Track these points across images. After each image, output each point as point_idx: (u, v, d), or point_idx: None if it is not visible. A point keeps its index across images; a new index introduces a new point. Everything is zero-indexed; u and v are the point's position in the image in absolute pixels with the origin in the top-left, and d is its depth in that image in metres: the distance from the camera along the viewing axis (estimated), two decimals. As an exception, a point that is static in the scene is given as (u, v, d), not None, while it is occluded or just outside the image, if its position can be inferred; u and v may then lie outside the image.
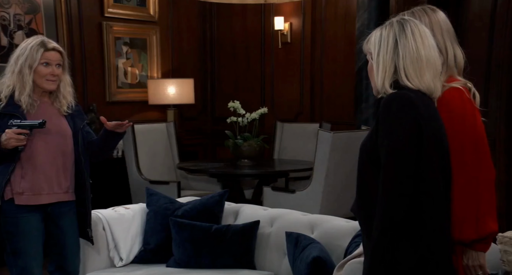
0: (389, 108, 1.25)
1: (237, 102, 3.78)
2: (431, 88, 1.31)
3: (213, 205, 2.44)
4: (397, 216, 1.22)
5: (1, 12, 3.66)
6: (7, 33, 3.70)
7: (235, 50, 4.87)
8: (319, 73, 4.48)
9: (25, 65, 1.95)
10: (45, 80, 1.99)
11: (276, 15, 4.55)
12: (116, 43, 4.32)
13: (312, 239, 2.05)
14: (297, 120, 4.49)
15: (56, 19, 3.92)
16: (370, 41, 1.35)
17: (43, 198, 1.98)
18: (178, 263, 2.31)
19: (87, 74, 4.18)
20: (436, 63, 1.32)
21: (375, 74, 1.33)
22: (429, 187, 1.25)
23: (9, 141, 1.86)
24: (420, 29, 1.32)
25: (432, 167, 1.25)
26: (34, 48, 1.96)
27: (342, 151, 3.21)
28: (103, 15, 4.22)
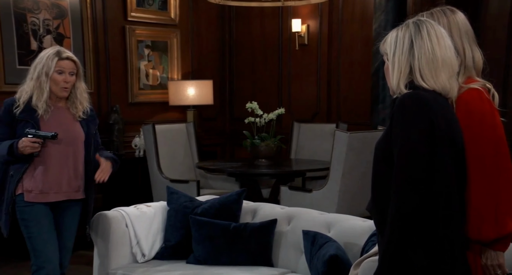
0: (402, 108, 1.25)
1: (254, 103, 3.79)
2: (447, 88, 1.31)
3: (231, 203, 2.46)
4: (409, 215, 1.21)
5: (31, 18, 3.76)
6: (36, 37, 3.80)
7: (253, 52, 4.89)
8: (336, 74, 4.46)
9: (42, 73, 2.07)
10: (60, 88, 2.10)
11: (294, 17, 4.56)
12: (138, 46, 4.39)
13: (328, 237, 2.05)
14: (313, 121, 4.48)
15: (82, 24, 4.01)
16: (386, 42, 1.35)
17: (50, 197, 2.10)
18: (198, 260, 2.33)
19: (111, 76, 4.26)
20: (453, 63, 1.31)
21: (391, 74, 1.33)
22: (442, 186, 1.24)
23: (25, 148, 2.00)
24: (437, 30, 1.31)
25: (445, 166, 1.24)
26: (50, 57, 2.09)
27: (358, 151, 3.19)
28: (126, 19, 4.29)
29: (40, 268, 2.06)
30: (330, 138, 3.39)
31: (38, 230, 2.07)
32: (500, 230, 1.34)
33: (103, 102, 4.22)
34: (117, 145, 4.10)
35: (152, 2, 4.44)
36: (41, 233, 2.07)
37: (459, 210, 1.29)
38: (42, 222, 2.08)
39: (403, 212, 1.22)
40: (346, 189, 3.21)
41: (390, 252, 1.22)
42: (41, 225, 2.07)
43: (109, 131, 4.11)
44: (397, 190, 1.23)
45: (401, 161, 1.23)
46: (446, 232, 1.25)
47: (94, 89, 4.13)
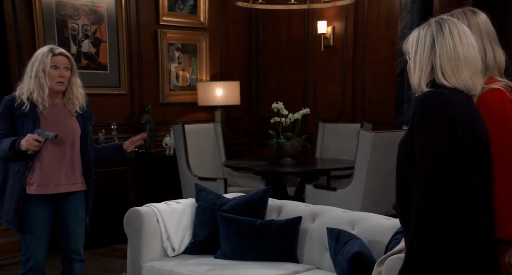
0: (423, 106, 1.23)
1: (280, 103, 3.79)
2: (469, 86, 1.28)
3: (257, 201, 2.47)
4: (431, 211, 1.19)
5: (71, 24, 3.89)
6: (76, 42, 3.92)
7: (279, 53, 4.89)
8: (361, 74, 4.41)
9: (39, 70, 2.11)
10: (56, 83, 2.14)
11: (319, 19, 4.53)
12: (169, 48, 4.46)
13: (353, 235, 2.03)
14: (338, 121, 4.44)
15: (117, 28, 4.11)
16: (408, 41, 1.33)
17: (50, 189, 2.17)
18: (225, 255, 2.35)
19: (144, 78, 4.35)
20: (476, 61, 1.28)
21: (412, 73, 1.31)
22: (466, 183, 1.22)
23: (27, 143, 2.05)
24: (459, 28, 1.28)
25: (468, 163, 1.22)
26: (45, 54, 2.13)
27: (383, 150, 3.15)
28: (158, 23, 4.37)
29: (28, 260, 2.17)
30: (355, 137, 3.35)
31: (33, 227, 2.14)
32: None
33: (136, 103, 4.31)
34: (149, 144, 4.18)
35: (182, 6, 4.51)
36: (34, 230, 2.14)
37: (487, 208, 1.26)
38: (37, 219, 2.15)
39: (426, 209, 1.20)
40: (370, 188, 3.17)
41: (414, 249, 1.21)
42: (34, 222, 2.14)
43: (141, 131, 4.19)
44: (419, 186, 1.21)
45: (423, 158, 1.21)
46: (471, 230, 1.22)
47: (127, 91, 4.23)
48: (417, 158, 1.23)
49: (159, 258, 2.37)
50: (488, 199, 1.28)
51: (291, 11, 4.61)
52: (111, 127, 3.97)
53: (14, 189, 2.12)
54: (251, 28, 4.98)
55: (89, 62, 4.00)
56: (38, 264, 2.17)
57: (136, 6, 4.23)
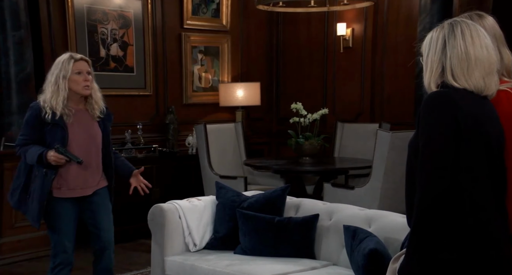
0: (426, 106, 1.23)
1: (299, 103, 3.79)
2: (480, 87, 1.26)
3: (275, 198, 2.48)
4: (432, 209, 1.18)
5: (101, 28, 4.00)
6: (105, 45, 4.03)
7: (299, 55, 4.88)
8: (380, 76, 4.36)
9: (60, 76, 2.13)
10: (82, 87, 2.16)
11: (339, 21, 4.50)
12: (192, 51, 4.53)
13: (369, 232, 2.02)
14: (357, 121, 4.41)
15: (143, 32, 4.20)
16: (423, 43, 1.33)
17: (76, 192, 2.22)
18: (245, 251, 2.37)
19: (168, 80, 4.42)
20: (490, 61, 1.26)
21: (424, 74, 1.31)
22: (468, 181, 1.20)
23: (51, 161, 2.10)
24: (472, 30, 1.27)
25: (471, 162, 1.20)
26: (65, 61, 2.15)
27: (400, 150, 3.11)
28: (182, 26, 4.43)
29: (56, 254, 2.22)
30: (373, 137, 3.33)
31: (60, 223, 2.20)
32: None
33: (160, 103, 4.39)
34: (172, 143, 4.25)
35: (206, 10, 4.56)
36: (61, 226, 2.20)
37: (495, 207, 1.24)
38: (64, 216, 2.20)
39: (426, 206, 1.19)
40: (387, 187, 3.14)
41: (413, 246, 1.20)
42: (63, 219, 2.20)
43: (165, 131, 4.27)
44: (420, 184, 1.21)
45: (424, 155, 1.21)
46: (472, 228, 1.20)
47: (152, 92, 4.31)
48: (419, 156, 1.23)
49: (181, 253, 2.41)
50: (498, 198, 1.26)
51: (311, 14, 4.60)
52: (136, 127, 4.06)
53: (40, 191, 2.15)
54: (272, 31, 5.00)
55: (117, 65, 4.10)
56: (67, 258, 2.23)
57: (162, 10, 4.30)
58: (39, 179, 2.16)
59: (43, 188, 2.15)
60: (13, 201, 2.24)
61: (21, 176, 2.22)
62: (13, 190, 2.24)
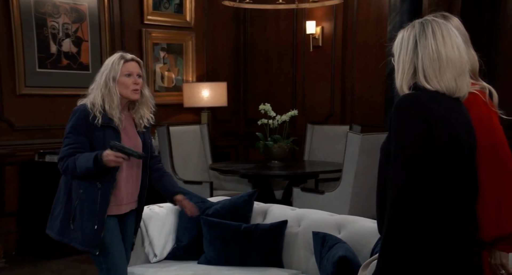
0: (398, 109, 1.24)
1: (267, 104, 3.80)
2: (452, 88, 1.28)
3: (242, 204, 2.46)
4: (403, 214, 1.20)
5: (51, 22, 3.85)
6: (56, 41, 3.88)
7: (268, 54, 4.90)
8: (350, 76, 4.44)
9: (110, 78, 1.99)
10: (131, 91, 2.01)
11: (308, 19, 4.55)
12: (154, 48, 4.45)
13: (338, 239, 2.04)
14: (327, 123, 4.46)
15: (99, 27, 4.08)
16: (394, 43, 1.34)
17: (122, 208, 2.05)
18: (209, 260, 2.34)
19: (127, 79, 4.33)
20: (462, 61, 1.28)
21: (395, 76, 1.32)
22: (439, 185, 1.22)
23: (109, 162, 1.91)
24: (443, 29, 1.28)
25: (442, 166, 1.22)
26: (115, 62, 2.02)
27: (371, 153, 3.16)
28: (142, 22, 4.35)
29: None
30: (344, 139, 3.37)
31: (114, 244, 2.02)
32: (501, 229, 1.33)
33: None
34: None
35: (168, 5, 4.50)
36: (116, 247, 2.02)
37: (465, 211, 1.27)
38: (117, 235, 2.03)
39: (398, 211, 1.21)
40: (358, 191, 3.19)
41: (386, 252, 1.21)
42: (117, 237, 2.03)
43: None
44: (391, 189, 1.22)
45: (396, 161, 1.22)
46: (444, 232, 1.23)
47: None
48: (390, 161, 1.24)
49: (140, 264, 2.36)
50: (469, 202, 1.29)
51: (279, 11, 4.63)
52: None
53: (94, 209, 1.95)
54: (239, 28, 4.99)
55: (70, 62, 3.97)
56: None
57: (120, 4, 4.21)
58: (91, 194, 1.95)
59: (102, 203, 1.94)
60: (54, 232, 2.01)
61: (61, 199, 2.00)
62: (53, 219, 2.01)
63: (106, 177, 1.96)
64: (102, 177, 1.96)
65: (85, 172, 1.94)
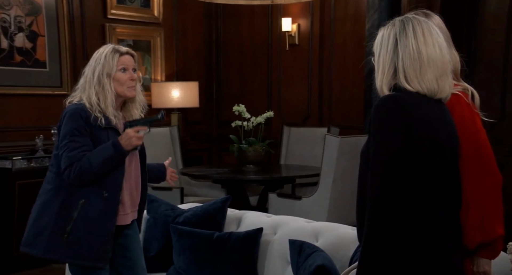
0: (377, 111, 1.25)
1: (242, 106, 3.80)
2: (433, 89, 1.29)
3: (215, 211, 2.44)
4: (382, 222, 1.21)
5: (1, 14, 3.72)
6: (7, 35, 3.76)
7: (242, 52, 4.90)
8: (328, 76, 4.49)
9: (103, 74, 1.90)
10: (127, 88, 1.91)
11: (284, 16, 4.58)
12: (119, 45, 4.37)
13: (316, 247, 2.04)
14: (304, 125, 4.50)
15: (57, 21, 3.98)
16: (374, 42, 1.35)
17: (129, 217, 1.97)
18: (179, 272, 2.31)
19: (89, 78, 4.23)
20: (443, 61, 1.29)
21: (375, 76, 1.33)
22: (420, 190, 1.24)
23: (130, 141, 1.81)
24: (424, 27, 1.29)
25: (425, 171, 1.24)
26: (109, 55, 1.92)
27: (350, 156, 3.20)
28: (106, 16, 4.28)
29: None
30: (322, 142, 3.40)
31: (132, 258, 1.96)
32: (485, 236, 1.35)
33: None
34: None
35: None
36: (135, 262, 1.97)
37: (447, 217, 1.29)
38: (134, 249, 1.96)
39: (377, 217, 1.22)
40: (337, 196, 3.21)
41: (365, 260, 1.22)
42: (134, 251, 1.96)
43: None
44: (371, 194, 1.23)
45: (374, 166, 1.23)
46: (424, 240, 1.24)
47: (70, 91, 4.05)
48: (370, 165, 1.25)
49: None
50: (452, 208, 1.30)
51: (254, 7, 4.64)
52: (51, 132, 3.83)
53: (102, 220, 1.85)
54: (211, 24, 4.98)
55: (24, 58, 3.85)
56: None
57: (80, -4, 4.13)
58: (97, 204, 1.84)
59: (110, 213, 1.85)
60: (37, 248, 1.86)
61: (48, 211, 1.86)
62: (35, 234, 1.86)
63: (112, 184, 1.87)
64: (107, 185, 1.86)
65: (102, 165, 1.82)
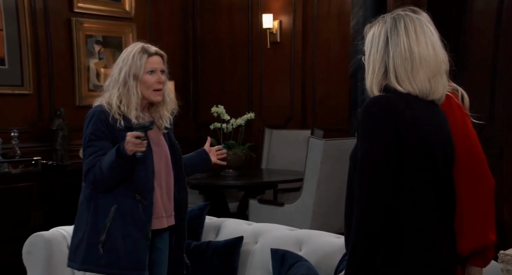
0: (366, 113, 1.25)
1: (221, 107, 3.79)
2: (426, 90, 1.29)
3: (192, 219, 2.41)
4: (370, 230, 1.21)
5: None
6: (-41, 29, 3.67)
7: (220, 50, 4.89)
8: (311, 76, 4.51)
9: (130, 75, 1.88)
10: (152, 91, 1.90)
11: (265, 12, 4.59)
12: (87, 41, 4.30)
13: (299, 256, 2.04)
14: (287, 127, 4.51)
15: (17, 14, 3.88)
16: (365, 39, 1.34)
17: (164, 221, 1.93)
18: (153, 285, 2.28)
19: (54, 76, 4.15)
20: (437, 60, 1.29)
21: (366, 76, 1.33)
22: (411, 199, 1.24)
23: (128, 147, 1.79)
24: (417, 24, 1.29)
25: (415, 177, 1.24)
26: (137, 55, 1.90)
27: (334, 160, 3.22)
28: (72, 10, 4.20)
29: None
30: (305, 145, 3.41)
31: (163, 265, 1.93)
32: (477, 243, 1.37)
33: (44, 105, 4.10)
34: (61, 155, 4.00)
35: (103, -8, 4.39)
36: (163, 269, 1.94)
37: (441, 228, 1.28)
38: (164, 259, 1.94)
39: (365, 225, 1.21)
40: (321, 202, 3.22)
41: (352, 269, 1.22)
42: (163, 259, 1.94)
43: (52, 139, 4.00)
44: (358, 201, 1.22)
45: (362, 171, 1.23)
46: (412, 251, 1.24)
47: (33, 91, 4.02)
48: (357, 170, 1.24)
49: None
50: (444, 216, 1.30)
51: (233, 2, 4.64)
52: (11, 135, 3.73)
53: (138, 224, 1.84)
54: (188, 20, 4.95)
55: (-21, 55, 3.76)
56: None
57: (43, -13, 4.06)
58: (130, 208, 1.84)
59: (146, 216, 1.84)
60: (77, 262, 1.87)
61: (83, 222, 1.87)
62: (74, 248, 1.88)
63: (142, 185, 1.86)
64: (139, 188, 1.86)
65: (110, 169, 1.82)
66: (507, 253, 1.60)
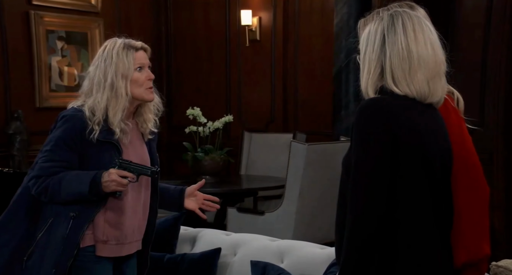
0: (360, 116, 1.25)
1: (197, 109, 3.79)
2: (424, 92, 1.29)
3: (166, 230, 2.41)
4: (364, 241, 1.22)
5: None
6: None
7: (196, 48, 4.89)
8: (293, 76, 4.54)
9: (117, 76, 1.75)
10: (144, 90, 1.80)
11: (243, 8, 4.61)
12: (48, 37, 4.25)
13: (281, 269, 2.05)
14: (267, 130, 4.53)
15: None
16: (361, 38, 1.35)
17: (125, 249, 1.82)
18: (123, 302, 2.26)
19: (10, 75, 4.09)
20: (436, 61, 1.29)
21: (361, 76, 1.33)
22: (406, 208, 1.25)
23: (109, 184, 1.67)
24: (415, 22, 1.29)
25: (411, 185, 1.25)
26: (121, 52, 1.77)
27: (318, 166, 3.24)
28: (30, 2, 4.15)
29: None
30: (287, 150, 3.43)
31: None
32: (471, 254, 1.39)
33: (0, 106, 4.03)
34: (19, 161, 3.95)
35: (67, -17, 4.35)
36: None
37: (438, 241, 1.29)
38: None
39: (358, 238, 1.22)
40: (304, 211, 3.24)
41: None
42: None
43: (8, 144, 3.94)
44: (351, 209, 1.23)
45: (355, 178, 1.23)
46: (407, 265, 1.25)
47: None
48: (350, 175, 1.25)
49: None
50: (441, 227, 1.31)
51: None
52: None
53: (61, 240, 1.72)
54: (160, 15, 4.94)
55: None
56: None
57: (-2, -23, 4.00)
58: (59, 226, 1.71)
59: (70, 238, 1.70)
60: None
61: (13, 224, 1.74)
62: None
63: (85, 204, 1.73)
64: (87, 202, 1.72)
65: (72, 198, 1.71)
66: (499, 265, 1.63)
